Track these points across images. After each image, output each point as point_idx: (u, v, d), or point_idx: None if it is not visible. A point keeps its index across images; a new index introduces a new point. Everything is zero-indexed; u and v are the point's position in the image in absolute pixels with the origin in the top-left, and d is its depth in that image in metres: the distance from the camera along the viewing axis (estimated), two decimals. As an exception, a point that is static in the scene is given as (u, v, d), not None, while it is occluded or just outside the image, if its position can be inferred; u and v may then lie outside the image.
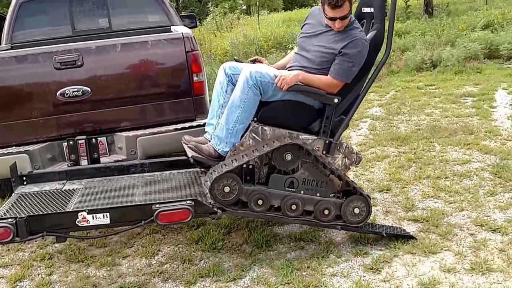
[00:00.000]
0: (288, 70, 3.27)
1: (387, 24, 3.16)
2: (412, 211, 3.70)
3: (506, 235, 3.23)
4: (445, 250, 3.12)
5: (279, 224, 3.66)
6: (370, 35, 3.18)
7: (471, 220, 3.47)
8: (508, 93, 6.95)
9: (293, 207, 3.10)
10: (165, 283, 3.06)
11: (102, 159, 3.87)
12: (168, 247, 3.50)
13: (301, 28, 3.44)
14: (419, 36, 10.95)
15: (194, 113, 4.02)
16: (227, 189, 2.98)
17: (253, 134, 3.09)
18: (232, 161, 3.02)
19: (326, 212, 3.15)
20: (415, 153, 4.92)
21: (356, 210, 3.17)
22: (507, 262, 2.92)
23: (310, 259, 3.14)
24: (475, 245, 3.14)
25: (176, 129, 3.92)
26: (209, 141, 3.24)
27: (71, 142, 3.80)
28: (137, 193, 3.22)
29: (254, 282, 2.97)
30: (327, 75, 3.12)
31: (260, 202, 3.06)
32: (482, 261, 2.94)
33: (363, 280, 2.89)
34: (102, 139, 3.89)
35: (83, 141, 3.80)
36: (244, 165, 3.04)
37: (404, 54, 9.91)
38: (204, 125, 3.98)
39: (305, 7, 28.21)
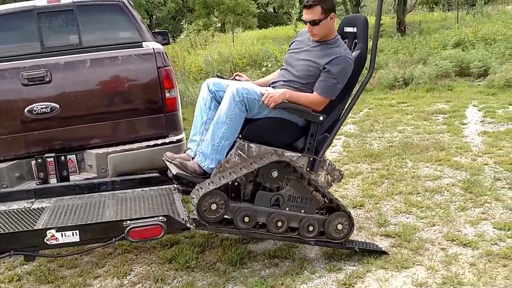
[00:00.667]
0: (272, 87, 3.28)
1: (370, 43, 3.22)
2: (385, 227, 3.71)
3: (477, 249, 3.26)
4: (417, 265, 3.13)
5: (254, 242, 3.63)
6: (354, 54, 3.22)
7: (442, 235, 3.50)
8: (478, 110, 7.08)
9: (279, 224, 3.09)
10: (136, 303, 2.99)
11: (72, 177, 3.79)
12: (140, 267, 3.43)
13: (289, 46, 3.47)
14: (392, 54, 11.10)
15: (167, 130, 3.97)
16: (214, 206, 2.95)
17: (239, 151, 3.07)
18: (219, 178, 2.99)
19: (311, 228, 3.16)
20: (387, 169, 4.96)
21: (339, 226, 3.19)
22: (478, 276, 2.94)
23: (284, 276, 3.11)
24: (447, 259, 3.16)
25: (148, 146, 3.88)
26: (192, 157, 3.21)
27: (39, 160, 3.72)
28: (108, 210, 3.15)
29: (227, 300, 2.93)
30: (311, 89, 3.14)
31: (246, 219, 3.04)
32: (454, 275, 2.96)
33: (336, 296, 2.88)
34: (72, 156, 3.81)
35: (52, 159, 3.73)
36: (230, 182, 3.01)
37: (377, 72, 10.02)
38: (177, 141, 3.97)
39: (280, 25, 28.49)
